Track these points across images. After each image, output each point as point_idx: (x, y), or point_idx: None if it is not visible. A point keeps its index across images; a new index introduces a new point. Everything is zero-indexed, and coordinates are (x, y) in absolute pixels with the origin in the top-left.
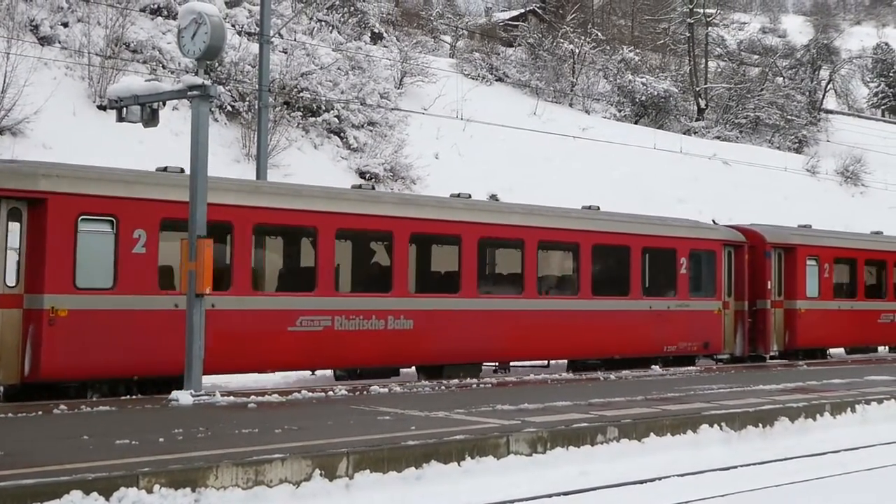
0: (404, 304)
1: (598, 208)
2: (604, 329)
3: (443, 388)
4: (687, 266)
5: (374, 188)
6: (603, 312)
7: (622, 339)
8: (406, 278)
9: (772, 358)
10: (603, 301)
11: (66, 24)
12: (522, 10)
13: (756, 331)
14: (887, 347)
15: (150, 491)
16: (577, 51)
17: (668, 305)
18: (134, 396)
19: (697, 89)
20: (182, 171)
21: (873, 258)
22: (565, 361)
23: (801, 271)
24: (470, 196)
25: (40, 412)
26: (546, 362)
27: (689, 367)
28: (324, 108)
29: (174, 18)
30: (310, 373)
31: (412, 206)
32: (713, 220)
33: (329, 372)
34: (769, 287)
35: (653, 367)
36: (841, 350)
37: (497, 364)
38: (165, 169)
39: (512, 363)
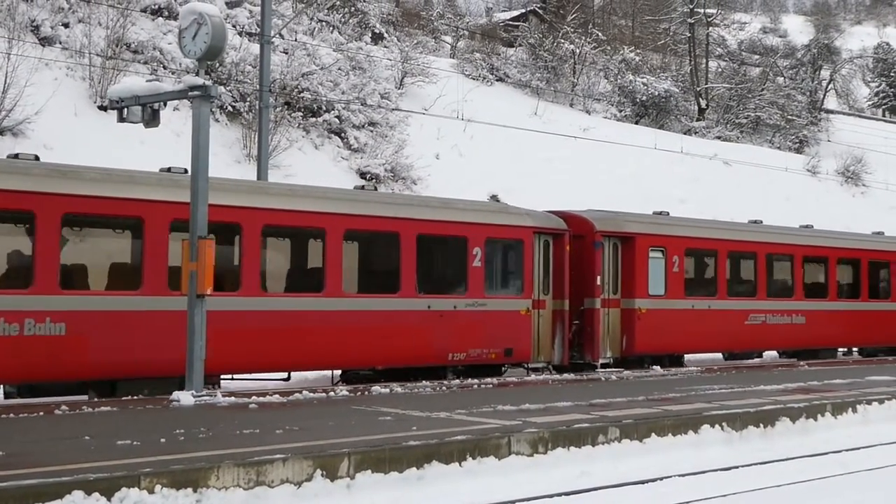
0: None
1: (375, 188)
2: (364, 333)
3: (444, 388)
4: (482, 258)
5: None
6: (361, 313)
7: (389, 345)
8: None
9: (605, 366)
10: (361, 300)
11: (66, 25)
12: (523, 11)
13: (583, 335)
14: (777, 352)
15: (151, 491)
16: (577, 51)
17: (455, 305)
18: (136, 397)
19: (698, 89)
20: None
21: (739, 250)
22: (331, 373)
23: (642, 265)
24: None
25: (41, 412)
26: (286, 375)
27: (690, 368)
28: (324, 108)
29: (175, 19)
30: (309, 373)
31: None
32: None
33: (329, 372)
34: (599, 283)
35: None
36: (714, 355)
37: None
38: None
39: (236, 377)
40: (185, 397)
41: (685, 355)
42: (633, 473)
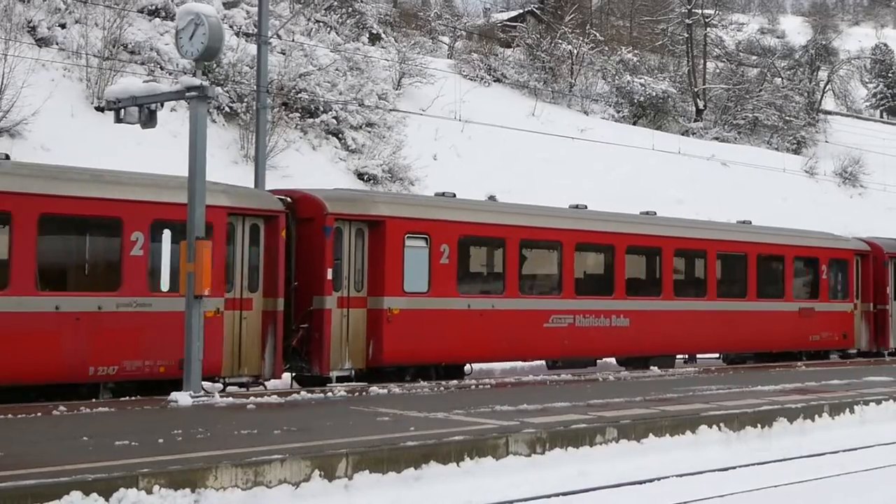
0: None
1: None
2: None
3: (442, 388)
4: (146, 245)
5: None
6: None
7: None
8: None
9: (343, 380)
10: None
11: (63, 26)
12: (520, 11)
13: (311, 342)
14: (615, 358)
15: (149, 492)
16: (575, 51)
17: (100, 305)
18: (134, 397)
19: (696, 90)
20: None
21: (538, 239)
22: None
23: (395, 255)
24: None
25: (40, 413)
26: None
27: (687, 368)
28: (322, 109)
29: (172, 19)
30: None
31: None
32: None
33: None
34: (331, 278)
35: (652, 367)
36: (501, 364)
37: None
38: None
39: None
40: (182, 398)
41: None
42: (630, 474)
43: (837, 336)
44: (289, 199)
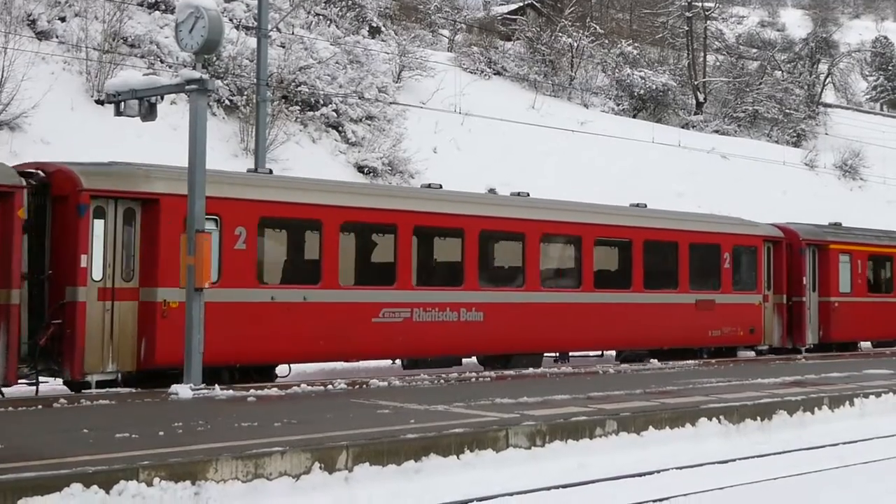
0: None
1: None
2: None
3: (442, 381)
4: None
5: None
6: None
7: None
8: None
9: (105, 385)
10: None
11: (63, 19)
12: (520, 4)
13: (63, 340)
14: (476, 357)
15: (150, 484)
16: (575, 44)
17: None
18: (134, 390)
19: (696, 83)
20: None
21: (366, 221)
22: None
23: (170, 239)
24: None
25: (40, 405)
26: None
27: (687, 361)
28: (322, 102)
29: (172, 13)
30: (311, 366)
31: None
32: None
33: (329, 365)
34: (85, 265)
35: (652, 360)
36: (306, 366)
37: None
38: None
39: None
40: (183, 390)
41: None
42: (630, 466)
43: (743, 331)
44: (41, 174)
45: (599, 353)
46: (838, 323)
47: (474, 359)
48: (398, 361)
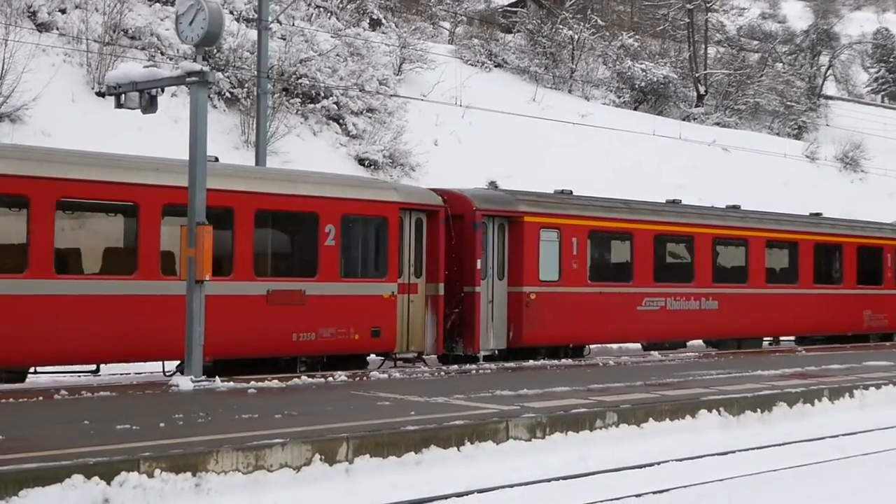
0: None
1: None
2: None
3: (442, 373)
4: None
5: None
6: None
7: None
8: None
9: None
10: None
11: (63, 11)
12: None
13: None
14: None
15: (150, 475)
16: (576, 37)
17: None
18: (135, 382)
19: (697, 75)
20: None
21: (108, 200)
22: None
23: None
24: None
25: (41, 397)
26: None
27: (688, 353)
28: (322, 94)
29: (172, 5)
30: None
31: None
32: None
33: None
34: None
35: (652, 352)
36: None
37: None
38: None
39: None
40: (184, 382)
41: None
42: (630, 458)
43: (360, 333)
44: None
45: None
46: (538, 321)
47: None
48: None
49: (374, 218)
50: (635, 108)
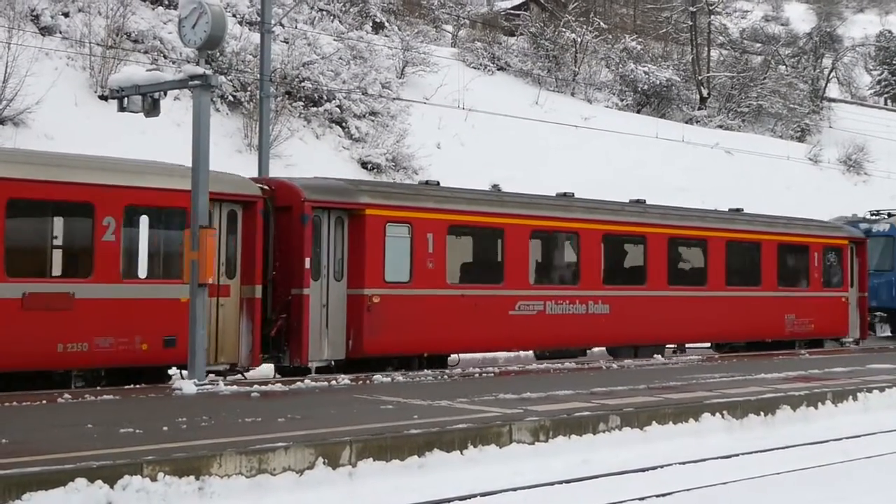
0: None
1: None
2: None
3: (445, 377)
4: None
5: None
6: None
7: None
8: None
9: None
10: None
11: (66, 14)
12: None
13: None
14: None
15: (154, 479)
16: (579, 40)
17: None
18: (138, 385)
19: (700, 78)
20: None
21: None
22: None
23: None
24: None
25: (44, 401)
26: None
27: (691, 357)
28: (325, 97)
29: (175, 8)
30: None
31: None
32: None
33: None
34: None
35: (655, 355)
36: None
37: None
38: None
39: None
40: (187, 385)
41: None
42: (633, 461)
43: (147, 343)
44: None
45: None
46: (384, 328)
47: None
48: None
49: (168, 209)
50: (638, 111)
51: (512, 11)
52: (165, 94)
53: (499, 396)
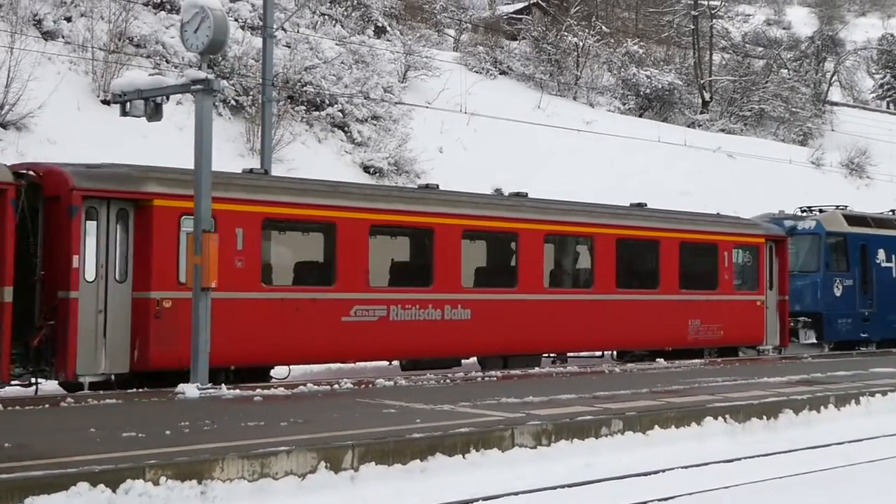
0: None
1: None
2: None
3: (448, 381)
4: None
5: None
6: None
7: None
8: None
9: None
10: None
11: (69, 19)
12: (526, 4)
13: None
14: None
15: (156, 483)
16: (581, 44)
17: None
18: (141, 389)
19: (702, 82)
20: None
21: None
22: None
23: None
24: None
25: (47, 405)
26: None
27: (693, 360)
28: (327, 102)
29: (177, 13)
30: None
31: None
32: None
33: (335, 365)
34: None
35: (658, 359)
36: None
37: None
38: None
39: None
40: (189, 389)
41: None
42: (636, 465)
43: None
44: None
45: None
46: (177, 337)
47: None
48: None
49: None
50: (640, 115)
51: (514, 15)
52: (168, 98)
53: (501, 400)
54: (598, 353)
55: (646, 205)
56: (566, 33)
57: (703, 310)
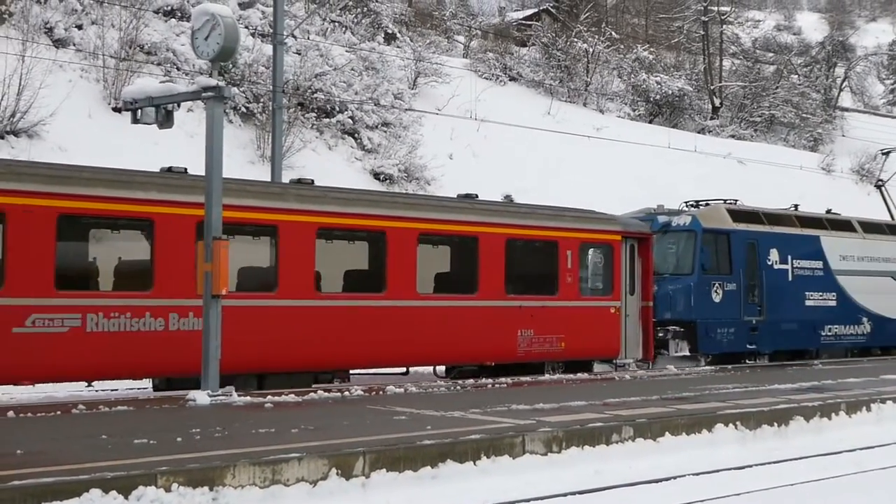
0: None
1: None
2: None
3: (458, 388)
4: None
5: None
6: None
7: None
8: None
9: None
10: None
11: (80, 27)
12: (536, 10)
13: None
14: None
15: (168, 489)
16: (590, 50)
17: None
18: (153, 396)
19: (712, 88)
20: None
21: None
22: None
23: None
24: None
25: (59, 412)
26: None
27: (704, 367)
28: (338, 109)
29: (188, 20)
30: None
31: None
32: None
33: None
34: None
35: (668, 366)
36: None
37: None
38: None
39: None
40: (201, 396)
41: None
42: (646, 472)
43: None
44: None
45: None
46: None
47: None
48: None
49: None
50: (650, 121)
51: (524, 22)
52: (179, 105)
53: (511, 407)
54: (403, 370)
55: (476, 196)
56: (576, 39)
57: (537, 318)
